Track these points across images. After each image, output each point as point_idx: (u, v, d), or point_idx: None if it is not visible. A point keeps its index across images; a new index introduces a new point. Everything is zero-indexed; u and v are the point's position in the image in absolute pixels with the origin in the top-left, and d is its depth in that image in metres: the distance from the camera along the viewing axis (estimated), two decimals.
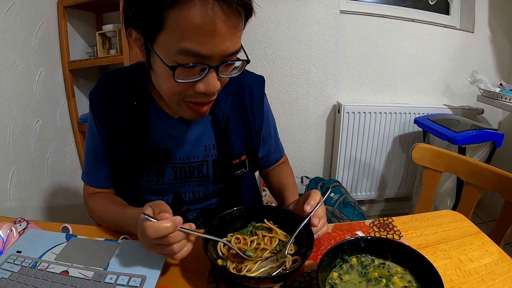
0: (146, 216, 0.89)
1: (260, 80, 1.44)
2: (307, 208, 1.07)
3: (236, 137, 1.36)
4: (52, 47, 2.51)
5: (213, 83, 0.99)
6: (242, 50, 1.03)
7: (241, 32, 0.98)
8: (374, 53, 3.23)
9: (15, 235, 1.12)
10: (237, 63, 1.05)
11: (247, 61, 1.06)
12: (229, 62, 1.00)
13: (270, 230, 1.12)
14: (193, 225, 0.96)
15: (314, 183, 3.25)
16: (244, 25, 1.00)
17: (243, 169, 1.41)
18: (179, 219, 0.91)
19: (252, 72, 1.42)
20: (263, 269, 0.98)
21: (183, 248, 0.93)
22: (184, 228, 0.92)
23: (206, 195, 1.40)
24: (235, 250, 1.01)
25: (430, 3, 3.30)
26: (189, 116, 1.14)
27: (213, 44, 0.91)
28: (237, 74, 1.07)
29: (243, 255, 1.00)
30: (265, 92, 1.46)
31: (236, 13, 0.90)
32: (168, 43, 0.91)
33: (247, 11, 0.95)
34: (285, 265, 0.99)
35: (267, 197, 3.02)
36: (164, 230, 0.88)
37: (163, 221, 0.89)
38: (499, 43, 3.42)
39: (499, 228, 1.44)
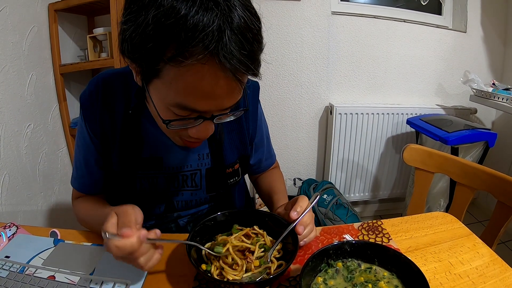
0: (108, 236, 0.86)
1: (254, 86, 1.41)
2: (293, 214, 1.06)
3: (229, 146, 1.34)
4: (43, 50, 2.50)
5: (206, 130, 0.97)
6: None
7: (242, 88, 0.91)
8: (366, 54, 3.23)
9: (4, 240, 1.12)
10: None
11: (246, 110, 1.03)
12: (227, 113, 0.96)
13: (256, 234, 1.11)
14: (158, 232, 0.93)
15: (307, 185, 3.25)
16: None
17: (236, 178, 1.40)
18: (143, 232, 0.88)
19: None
20: (247, 274, 0.97)
21: (150, 260, 0.91)
22: (150, 239, 0.90)
23: (199, 203, 1.38)
24: (207, 251, 1.01)
25: (423, 3, 3.31)
26: (183, 145, 1.11)
27: (211, 103, 0.88)
28: (234, 118, 1.02)
29: (212, 253, 1.00)
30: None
31: (236, 80, 0.83)
32: (163, 92, 0.88)
33: (251, 75, 0.88)
34: (269, 270, 0.98)
35: (260, 199, 3.01)
36: (129, 248, 0.85)
37: (126, 239, 0.85)
38: (491, 42, 3.43)
39: (492, 228, 1.44)
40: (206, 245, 1.07)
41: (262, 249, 1.05)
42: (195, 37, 0.74)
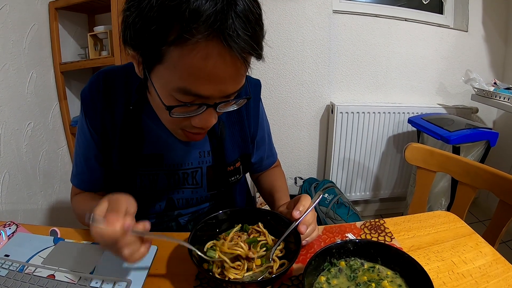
0: (92, 221, 0.83)
1: (256, 84, 1.41)
2: (296, 214, 1.06)
3: (231, 144, 1.34)
4: (43, 49, 2.50)
5: (210, 119, 0.96)
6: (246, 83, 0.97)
7: (246, 72, 0.92)
8: (367, 52, 3.22)
9: (4, 239, 1.12)
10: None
11: (248, 98, 1.03)
12: (230, 100, 0.96)
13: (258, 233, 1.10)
14: (147, 225, 0.89)
15: (308, 184, 3.24)
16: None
17: (237, 176, 1.39)
18: (128, 222, 0.84)
19: (248, 76, 1.36)
20: (248, 273, 0.97)
21: (135, 253, 0.86)
22: (136, 231, 0.86)
23: (199, 201, 1.38)
24: (197, 253, 0.98)
25: (424, 2, 3.30)
26: (184, 139, 1.11)
27: (214, 87, 0.87)
28: (237, 108, 1.03)
29: (205, 257, 0.98)
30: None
31: (242, 60, 0.84)
32: (166, 77, 0.88)
33: (256, 56, 0.89)
34: (271, 269, 0.98)
35: (261, 198, 3.01)
36: (111, 236, 0.82)
37: (110, 226, 0.82)
38: (492, 42, 3.43)
39: (494, 228, 1.44)
40: (209, 244, 1.06)
41: (264, 248, 1.04)
42: (200, 15, 0.74)
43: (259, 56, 0.88)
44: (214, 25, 0.75)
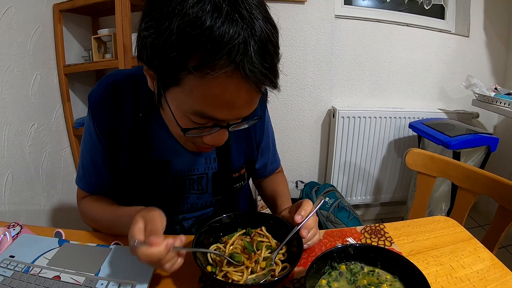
0: (136, 244, 0.87)
1: (263, 93, 1.41)
2: (298, 218, 1.07)
3: (237, 151, 1.34)
4: (47, 51, 2.51)
5: (221, 138, 0.99)
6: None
7: (259, 97, 0.94)
8: (369, 57, 3.23)
9: (8, 240, 1.11)
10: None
11: (259, 119, 1.05)
12: (242, 121, 0.98)
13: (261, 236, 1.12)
14: (183, 238, 0.95)
15: (309, 187, 3.24)
16: None
17: (242, 182, 1.40)
18: (170, 242, 0.89)
19: None
20: (251, 276, 0.98)
21: (174, 265, 0.93)
22: (176, 247, 0.92)
23: (204, 206, 1.38)
24: (224, 257, 1.01)
25: (426, 7, 3.31)
26: (193, 150, 1.13)
27: (229, 112, 0.89)
28: (247, 126, 1.04)
29: (233, 261, 1.00)
30: None
31: (258, 90, 0.86)
32: (182, 99, 0.88)
33: (271, 87, 0.90)
34: (274, 272, 0.99)
35: (261, 202, 3.02)
36: (156, 256, 0.86)
37: (155, 248, 0.86)
38: (494, 47, 3.43)
39: (493, 233, 1.44)
40: (212, 247, 1.08)
41: (269, 251, 1.06)
42: (221, 48, 0.74)
43: (275, 87, 0.90)
44: (235, 59, 0.75)
